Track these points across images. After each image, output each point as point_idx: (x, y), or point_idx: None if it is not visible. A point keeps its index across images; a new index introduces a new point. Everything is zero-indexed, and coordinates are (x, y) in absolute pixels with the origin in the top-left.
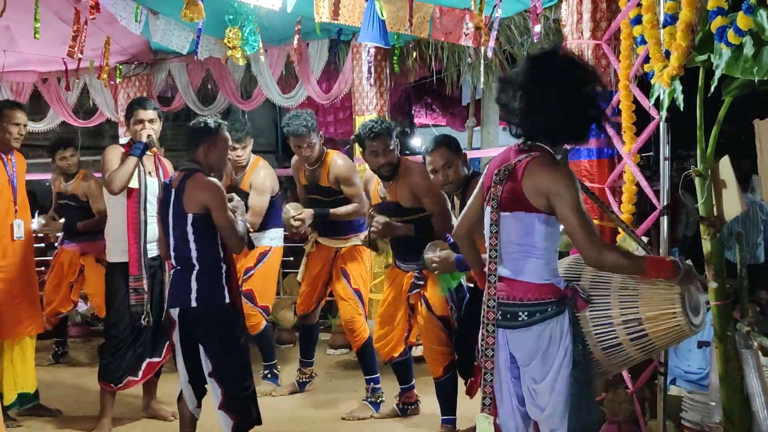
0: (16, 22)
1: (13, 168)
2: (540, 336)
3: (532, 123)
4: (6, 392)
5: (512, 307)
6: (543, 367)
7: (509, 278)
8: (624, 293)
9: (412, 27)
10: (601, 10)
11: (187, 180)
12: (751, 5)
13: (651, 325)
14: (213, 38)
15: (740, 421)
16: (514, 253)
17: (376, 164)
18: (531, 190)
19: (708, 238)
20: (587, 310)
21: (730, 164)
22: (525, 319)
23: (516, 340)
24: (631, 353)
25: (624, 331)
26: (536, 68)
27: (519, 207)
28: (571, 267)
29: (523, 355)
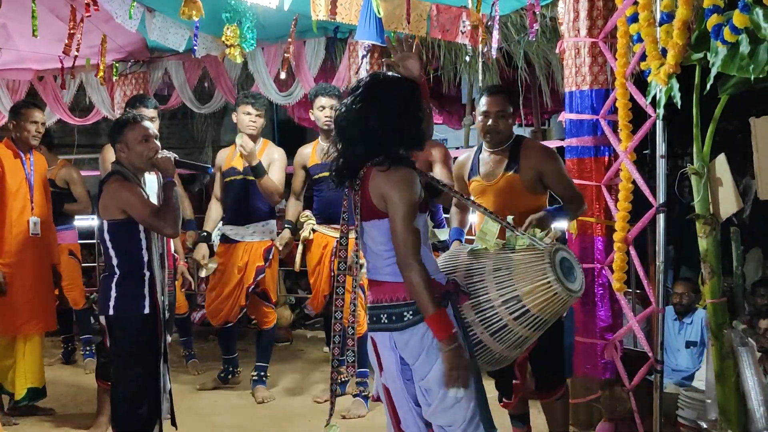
0: (12, 19)
1: (31, 167)
2: (425, 333)
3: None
4: (18, 387)
5: (397, 308)
6: (428, 362)
7: (391, 281)
8: (498, 274)
9: (410, 25)
10: (597, 8)
11: (103, 185)
12: (747, 3)
13: (530, 299)
14: (210, 36)
15: (736, 419)
16: (388, 258)
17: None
18: (375, 196)
19: (704, 236)
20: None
21: (726, 162)
22: (411, 318)
23: (403, 340)
24: (520, 332)
25: (506, 311)
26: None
27: (373, 215)
28: (447, 261)
29: (411, 354)
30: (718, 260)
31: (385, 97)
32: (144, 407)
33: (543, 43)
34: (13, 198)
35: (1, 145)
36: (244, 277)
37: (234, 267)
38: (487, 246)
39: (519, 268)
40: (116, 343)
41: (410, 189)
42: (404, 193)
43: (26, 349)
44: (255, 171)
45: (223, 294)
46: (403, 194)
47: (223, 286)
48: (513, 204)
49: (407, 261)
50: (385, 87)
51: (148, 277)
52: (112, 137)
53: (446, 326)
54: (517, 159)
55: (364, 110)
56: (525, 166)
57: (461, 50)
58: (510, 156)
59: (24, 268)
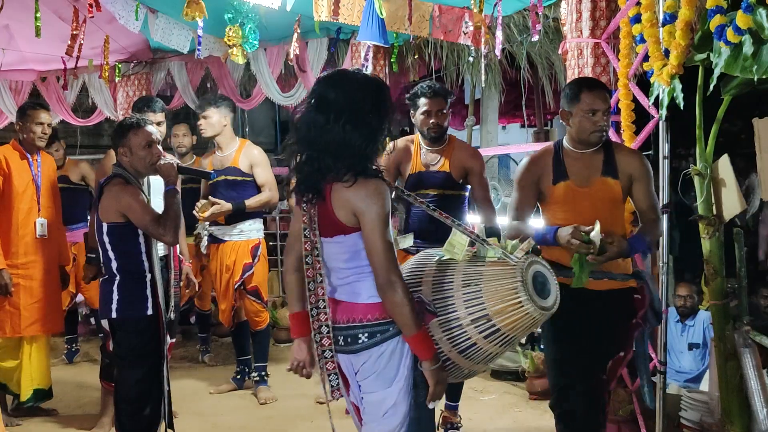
0: (15, 20)
1: (38, 168)
2: (380, 356)
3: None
4: (23, 388)
5: (352, 330)
6: (375, 384)
7: (347, 302)
8: (467, 290)
9: (412, 26)
10: (600, 9)
11: (104, 187)
12: (750, 4)
13: (500, 319)
14: (212, 37)
15: (739, 420)
16: (347, 276)
17: (426, 124)
18: (342, 210)
19: (707, 236)
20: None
21: (729, 163)
22: (366, 341)
23: (358, 363)
24: (490, 349)
25: (475, 330)
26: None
27: (337, 231)
28: (413, 271)
29: (362, 375)
30: (721, 261)
31: (355, 100)
32: (147, 408)
33: (546, 43)
34: (20, 199)
35: (8, 146)
36: (232, 275)
37: (222, 266)
38: (456, 258)
39: (489, 285)
40: (119, 345)
41: (384, 202)
42: (379, 208)
43: (32, 350)
44: (238, 211)
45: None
46: (377, 208)
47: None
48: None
49: (390, 279)
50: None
51: (149, 279)
52: (115, 140)
53: (429, 345)
54: (613, 162)
55: (333, 116)
56: (621, 170)
57: (464, 51)
58: (605, 158)
59: (30, 269)
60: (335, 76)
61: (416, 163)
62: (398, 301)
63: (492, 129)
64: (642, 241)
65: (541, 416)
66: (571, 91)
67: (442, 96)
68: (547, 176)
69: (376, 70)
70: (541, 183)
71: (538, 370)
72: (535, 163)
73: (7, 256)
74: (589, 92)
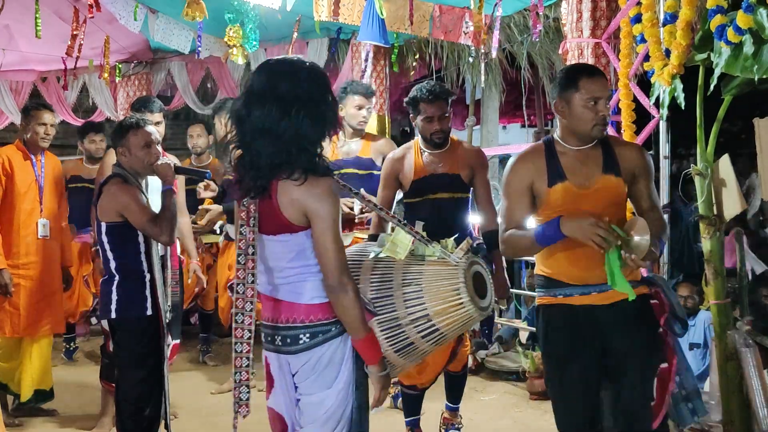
0: (15, 21)
1: (42, 169)
2: (320, 357)
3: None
4: (23, 389)
5: (293, 330)
6: (314, 387)
7: (289, 301)
8: (408, 290)
9: (412, 26)
10: (600, 9)
11: (103, 187)
12: (750, 4)
13: (440, 319)
14: (213, 37)
15: (739, 420)
16: (290, 276)
17: (430, 130)
18: (289, 207)
19: (708, 236)
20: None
21: (730, 163)
22: (307, 342)
23: (297, 364)
24: (425, 348)
25: (414, 330)
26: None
27: (281, 229)
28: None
29: (300, 377)
30: (721, 261)
31: (306, 90)
32: (148, 408)
33: (546, 43)
34: (22, 200)
35: (11, 146)
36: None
37: (225, 264)
38: (397, 257)
39: (430, 285)
40: (119, 345)
41: (336, 201)
42: (331, 207)
43: (33, 351)
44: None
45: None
46: (330, 209)
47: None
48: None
49: (341, 280)
50: (306, 77)
51: (148, 279)
52: (115, 140)
53: (377, 349)
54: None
55: (283, 108)
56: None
57: (464, 51)
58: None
59: (32, 270)
60: (284, 64)
61: (420, 168)
62: (348, 303)
63: (492, 129)
64: (662, 244)
65: (542, 416)
66: (567, 78)
67: (443, 99)
68: (541, 178)
69: (377, 70)
70: (534, 186)
71: (538, 370)
72: (526, 162)
73: (8, 256)
74: (590, 78)
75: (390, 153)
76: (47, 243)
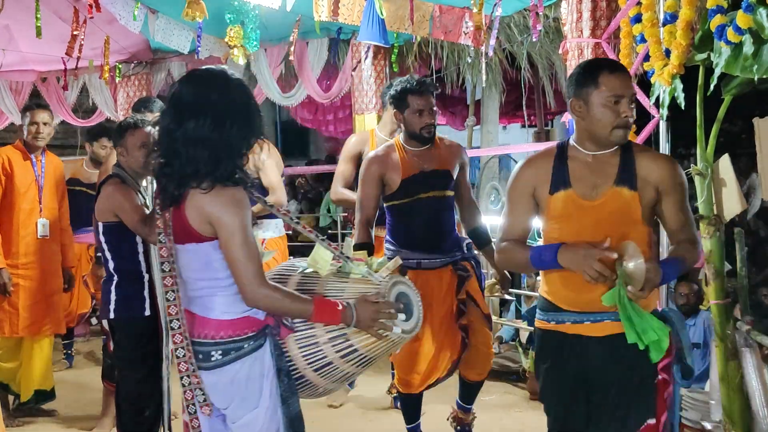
0: (15, 21)
1: (42, 168)
2: (236, 376)
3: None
4: (23, 389)
5: (205, 347)
6: (243, 407)
7: (201, 316)
8: None
9: (412, 26)
10: (600, 9)
11: (101, 187)
12: (750, 3)
13: (358, 338)
14: (213, 37)
15: (740, 420)
16: (199, 289)
17: (420, 124)
18: (195, 216)
19: (708, 236)
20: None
21: (730, 163)
22: (219, 359)
23: (211, 381)
24: (347, 369)
25: (332, 349)
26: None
27: (189, 238)
28: (275, 281)
29: (221, 398)
30: (721, 261)
31: (221, 101)
32: (148, 408)
33: (546, 43)
34: (22, 199)
35: (11, 146)
36: None
37: None
38: (320, 272)
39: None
40: (118, 345)
41: (243, 210)
42: (236, 217)
43: (34, 351)
44: None
45: None
46: (234, 217)
47: None
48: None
49: (257, 290)
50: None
51: (147, 280)
52: (114, 140)
53: (333, 310)
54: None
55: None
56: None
57: (464, 51)
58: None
59: (31, 270)
60: (213, 75)
61: (407, 167)
62: (275, 306)
63: (492, 129)
64: (676, 266)
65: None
66: (585, 73)
67: (431, 92)
68: (544, 184)
69: (377, 71)
70: (537, 193)
71: None
72: (531, 167)
73: (8, 256)
74: (611, 74)
75: (370, 153)
76: (47, 243)
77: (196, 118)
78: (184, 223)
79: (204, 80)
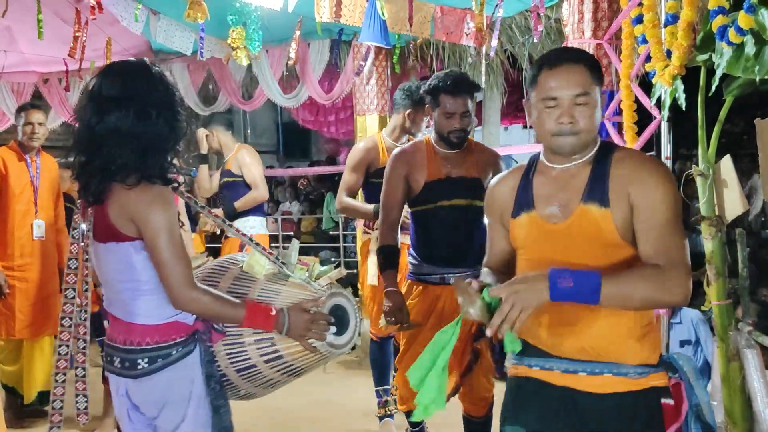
0: (17, 22)
1: (37, 169)
2: (164, 384)
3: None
4: (26, 391)
5: (131, 354)
6: (175, 416)
7: (123, 320)
8: None
9: (413, 27)
10: (602, 10)
11: None
12: (752, 4)
13: (284, 345)
14: (214, 38)
15: (742, 421)
16: (122, 292)
17: (448, 128)
18: (117, 214)
19: (709, 237)
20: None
21: (731, 164)
22: (146, 367)
23: (138, 390)
24: (272, 375)
25: (257, 351)
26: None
27: (110, 237)
28: (210, 276)
29: (149, 408)
30: (723, 262)
31: (144, 92)
32: None
33: (547, 44)
34: (17, 201)
35: (6, 147)
36: None
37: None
38: (255, 276)
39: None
40: None
41: (170, 209)
42: (164, 215)
43: (34, 353)
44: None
45: None
46: (159, 216)
47: None
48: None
49: (186, 293)
50: (140, 79)
51: None
52: None
53: (266, 316)
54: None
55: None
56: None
57: (465, 52)
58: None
59: (26, 271)
60: (137, 67)
61: (434, 170)
62: (205, 309)
63: (494, 130)
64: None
65: None
66: (531, 71)
67: (467, 93)
68: (508, 206)
69: (378, 72)
70: (503, 217)
71: None
72: (500, 185)
73: (3, 258)
74: (550, 71)
75: (396, 148)
76: (42, 244)
77: (119, 111)
78: (106, 219)
79: (124, 72)
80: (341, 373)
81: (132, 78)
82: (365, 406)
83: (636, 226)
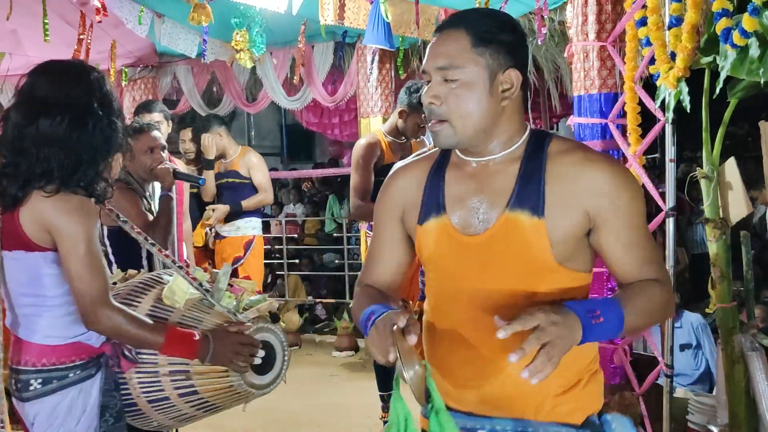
0: (22, 25)
1: None
2: (56, 408)
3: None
4: None
5: (24, 374)
6: None
7: (22, 339)
8: None
9: (418, 29)
10: (606, 12)
11: None
12: (756, 7)
13: (200, 381)
14: (219, 41)
15: (746, 424)
16: (23, 306)
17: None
18: (30, 222)
19: (714, 240)
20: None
21: (736, 166)
22: (38, 389)
23: (31, 413)
24: (186, 410)
25: (171, 384)
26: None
27: (17, 245)
28: (129, 300)
29: (43, 430)
30: (727, 264)
31: (81, 97)
32: None
33: (551, 47)
34: None
35: None
36: None
37: (220, 259)
38: (175, 305)
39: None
40: None
41: (90, 221)
42: (82, 226)
43: None
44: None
45: None
46: (76, 227)
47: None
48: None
49: (99, 311)
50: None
51: None
52: None
53: (189, 342)
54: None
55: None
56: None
57: None
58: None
59: None
60: (61, 68)
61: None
62: (119, 330)
63: None
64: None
65: None
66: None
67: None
68: (414, 206)
69: (382, 74)
70: (406, 219)
71: None
72: (402, 176)
73: None
74: (433, 38)
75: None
76: None
77: (53, 116)
78: (15, 226)
79: (60, 74)
80: (346, 376)
81: (69, 82)
82: (370, 409)
83: (603, 242)
